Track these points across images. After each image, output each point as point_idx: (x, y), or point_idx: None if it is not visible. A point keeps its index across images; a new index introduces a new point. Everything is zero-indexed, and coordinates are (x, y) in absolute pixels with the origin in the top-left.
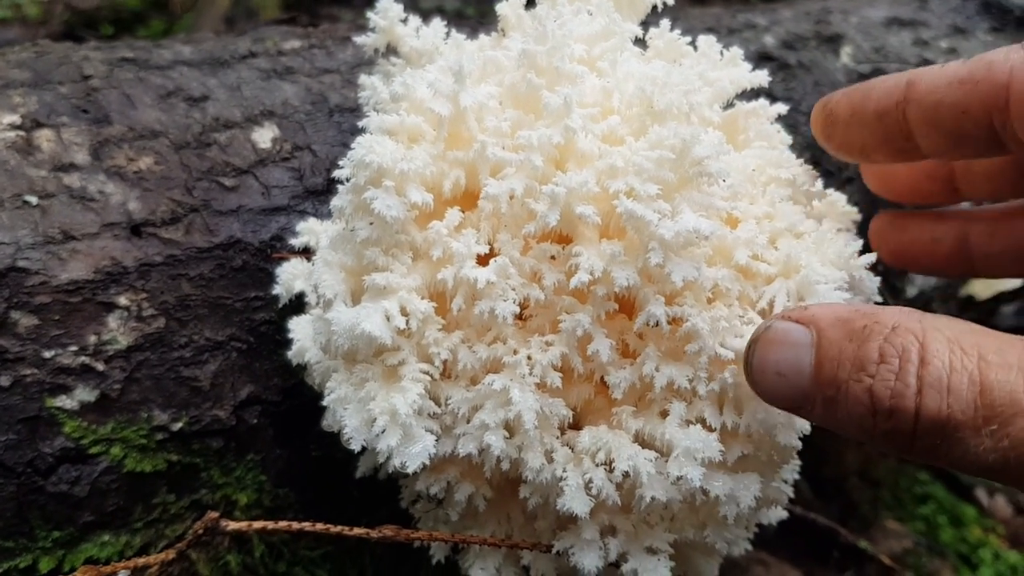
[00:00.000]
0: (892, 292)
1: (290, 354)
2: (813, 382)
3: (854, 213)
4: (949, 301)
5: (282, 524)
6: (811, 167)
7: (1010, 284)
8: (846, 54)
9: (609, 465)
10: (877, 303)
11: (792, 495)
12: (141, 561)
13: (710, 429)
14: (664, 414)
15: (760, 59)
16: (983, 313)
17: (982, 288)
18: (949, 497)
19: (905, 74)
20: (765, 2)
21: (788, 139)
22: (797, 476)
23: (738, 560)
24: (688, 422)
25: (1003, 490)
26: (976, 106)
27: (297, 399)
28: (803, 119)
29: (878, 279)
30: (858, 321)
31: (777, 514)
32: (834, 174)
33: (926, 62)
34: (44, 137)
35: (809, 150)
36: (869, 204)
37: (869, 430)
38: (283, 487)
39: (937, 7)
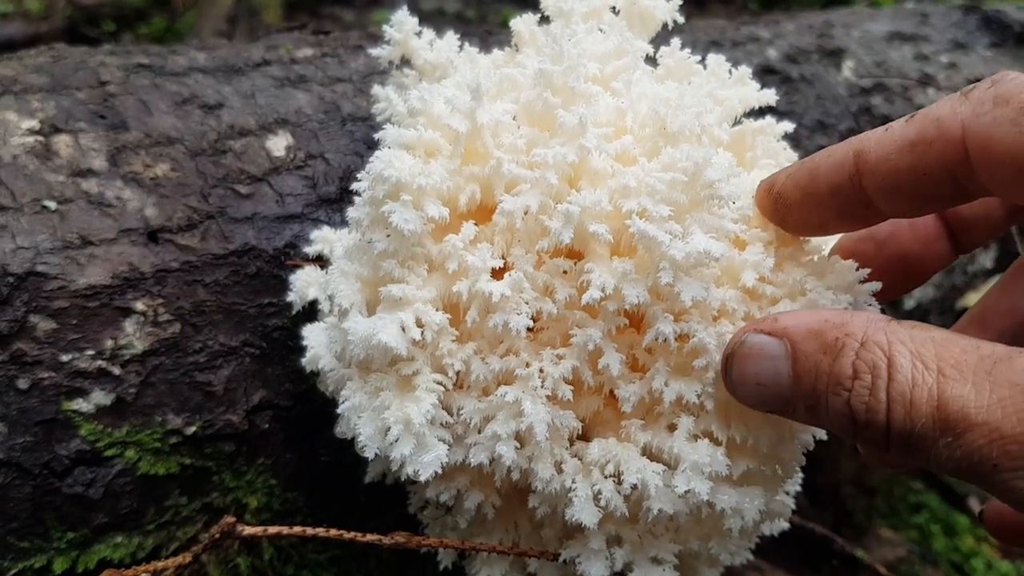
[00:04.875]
0: (889, 305)
1: (304, 361)
2: (793, 391)
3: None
4: (946, 313)
5: (296, 530)
6: None
7: None
8: (848, 68)
9: (618, 477)
10: None
11: (794, 507)
12: (160, 564)
13: (717, 443)
14: (672, 428)
15: (763, 72)
16: None
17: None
18: (943, 506)
19: (849, 144)
20: (764, 8)
21: (794, 156)
22: (799, 488)
23: (734, 566)
24: (696, 436)
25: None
26: (936, 166)
27: (308, 404)
28: (805, 133)
29: (878, 305)
30: (829, 333)
31: (779, 526)
32: None
33: (927, 77)
34: (62, 142)
35: None
36: None
37: (851, 435)
38: (292, 491)
39: (938, 22)
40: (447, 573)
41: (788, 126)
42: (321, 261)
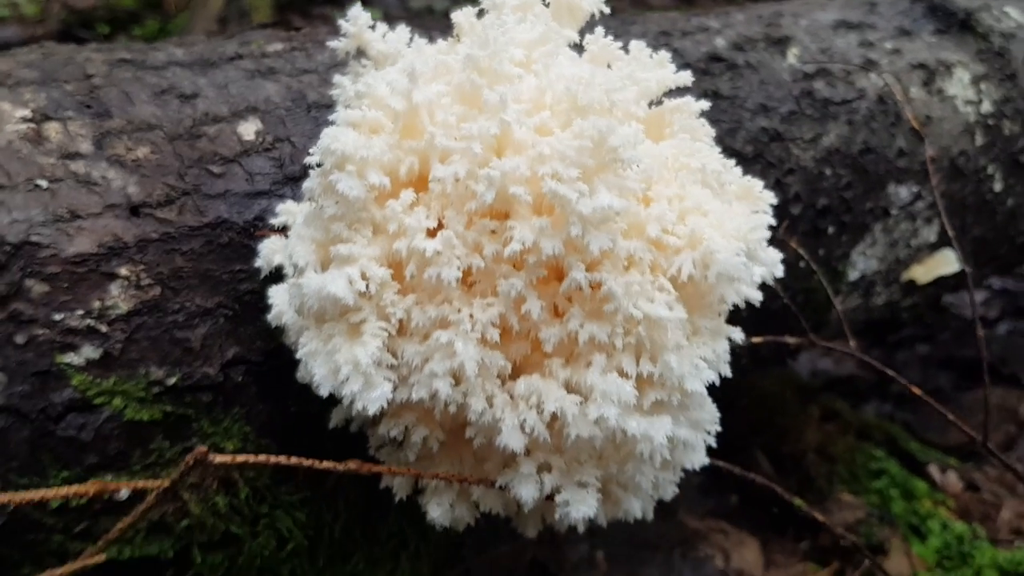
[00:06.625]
0: (833, 276)
1: (270, 317)
2: None
3: (769, 196)
4: (891, 285)
5: (261, 458)
6: (726, 158)
7: (950, 268)
8: (793, 55)
9: (540, 407)
10: (778, 277)
11: (714, 444)
12: (140, 484)
13: (627, 377)
14: (589, 365)
15: (710, 60)
16: (926, 297)
17: (922, 273)
18: (902, 472)
19: None
20: None
21: (711, 131)
22: (719, 429)
23: (699, 528)
24: (608, 372)
25: (955, 467)
26: None
27: (277, 360)
28: (747, 116)
29: (779, 254)
30: None
31: (699, 459)
32: (775, 166)
33: (870, 62)
34: (52, 129)
35: (752, 143)
36: (810, 192)
37: None
38: (265, 438)
39: (885, 10)
40: (407, 511)
41: (704, 104)
42: (286, 231)
